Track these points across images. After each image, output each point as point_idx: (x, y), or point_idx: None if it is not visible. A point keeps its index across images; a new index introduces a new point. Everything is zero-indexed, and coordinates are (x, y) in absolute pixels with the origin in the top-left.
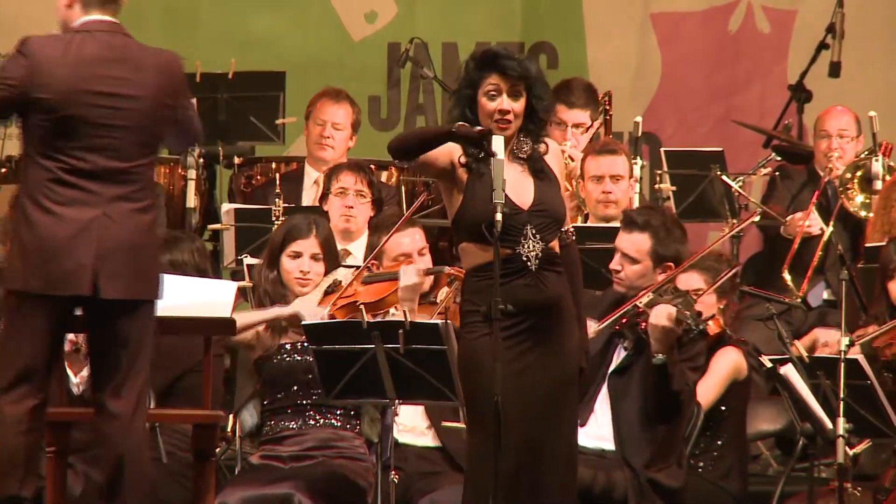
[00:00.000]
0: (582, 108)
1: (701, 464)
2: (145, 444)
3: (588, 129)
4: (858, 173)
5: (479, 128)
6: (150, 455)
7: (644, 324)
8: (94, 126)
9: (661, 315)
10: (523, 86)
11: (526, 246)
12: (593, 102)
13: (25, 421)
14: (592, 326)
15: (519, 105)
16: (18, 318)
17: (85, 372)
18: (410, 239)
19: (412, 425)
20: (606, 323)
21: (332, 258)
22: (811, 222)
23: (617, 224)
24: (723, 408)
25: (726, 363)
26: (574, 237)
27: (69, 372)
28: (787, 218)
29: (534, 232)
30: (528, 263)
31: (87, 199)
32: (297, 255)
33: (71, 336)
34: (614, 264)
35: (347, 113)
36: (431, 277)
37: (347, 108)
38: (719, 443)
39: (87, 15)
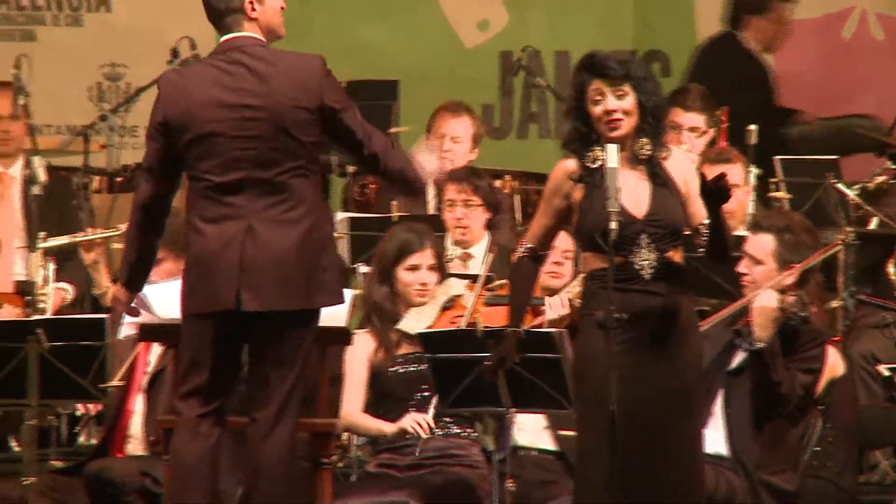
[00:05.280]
0: (698, 112)
1: (815, 462)
2: (288, 454)
3: (703, 133)
4: None
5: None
6: (296, 466)
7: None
8: (226, 139)
9: (765, 298)
10: (628, 85)
11: (639, 255)
12: (709, 107)
13: (192, 427)
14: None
15: (626, 103)
16: (188, 338)
17: None
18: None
19: (531, 426)
20: (717, 319)
21: (443, 267)
22: None
23: (735, 232)
24: (826, 404)
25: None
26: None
27: None
28: None
29: (648, 241)
30: (642, 272)
31: (232, 214)
32: (416, 268)
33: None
34: (741, 267)
35: (467, 126)
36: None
37: (467, 122)
38: (829, 440)
39: (223, 34)
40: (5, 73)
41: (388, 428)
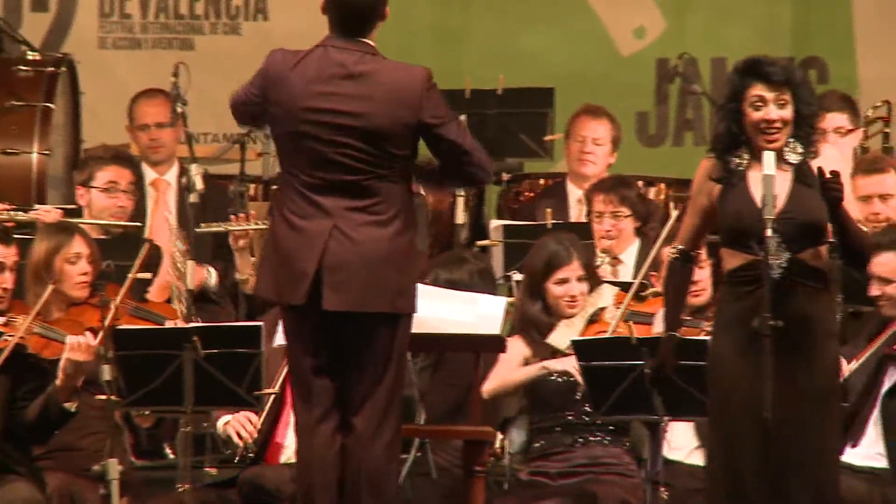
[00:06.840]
0: (838, 111)
1: None
2: (386, 462)
3: (849, 132)
4: None
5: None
6: (394, 474)
7: None
8: (317, 142)
9: None
10: (789, 92)
11: (769, 255)
12: (850, 108)
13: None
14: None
15: (786, 112)
16: (286, 329)
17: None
18: None
19: (683, 444)
20: (872, 349)
21: (591, 275)
22: None
23: None
24: None
25: None
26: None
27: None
28: None
29: (779, 240)
30: (771, 272)
31: (319, 213)
32: (565, 281)
33: None
34: (872, 291)
35: (607, 129)
36: None
37: (607, 124)
38: None
39: (332, 32)
40: (163, 81)
41: (532, 370)
